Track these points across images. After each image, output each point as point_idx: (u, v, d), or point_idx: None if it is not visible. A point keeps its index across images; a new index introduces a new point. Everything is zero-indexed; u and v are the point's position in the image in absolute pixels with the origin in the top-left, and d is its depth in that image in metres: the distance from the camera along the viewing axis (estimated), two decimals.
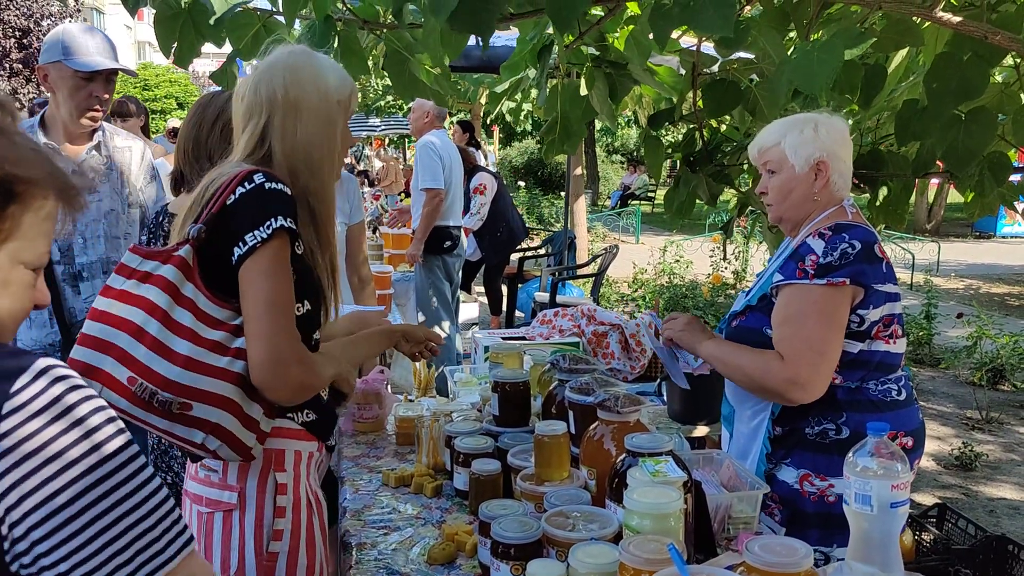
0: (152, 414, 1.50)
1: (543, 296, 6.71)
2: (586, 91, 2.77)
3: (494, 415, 2.19)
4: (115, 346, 1.50)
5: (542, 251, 9.01)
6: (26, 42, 19.25)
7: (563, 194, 10.69)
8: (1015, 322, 8.70)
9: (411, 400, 2.73)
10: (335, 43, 2.25)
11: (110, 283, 1.57)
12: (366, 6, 2.42)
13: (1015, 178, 2.76)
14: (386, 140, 20.79)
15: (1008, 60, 2.66)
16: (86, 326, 1.54)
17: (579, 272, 8.15)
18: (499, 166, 21.02)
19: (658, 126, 3.02)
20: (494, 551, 1.51)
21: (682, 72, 2.99)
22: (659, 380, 2.92)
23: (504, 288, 7.60)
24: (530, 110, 10.01)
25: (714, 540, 1.64)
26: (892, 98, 2.83)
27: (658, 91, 3.25)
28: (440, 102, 2.79)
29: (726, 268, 9.34)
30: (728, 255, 9.41)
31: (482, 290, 7.83)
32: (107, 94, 2.68)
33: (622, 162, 27.37)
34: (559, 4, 1.77)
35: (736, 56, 2.63)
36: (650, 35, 2.01)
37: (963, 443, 5.06)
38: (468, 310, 6.88)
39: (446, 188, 5.32)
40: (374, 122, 18.29)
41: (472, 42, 2.39)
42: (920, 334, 7.29)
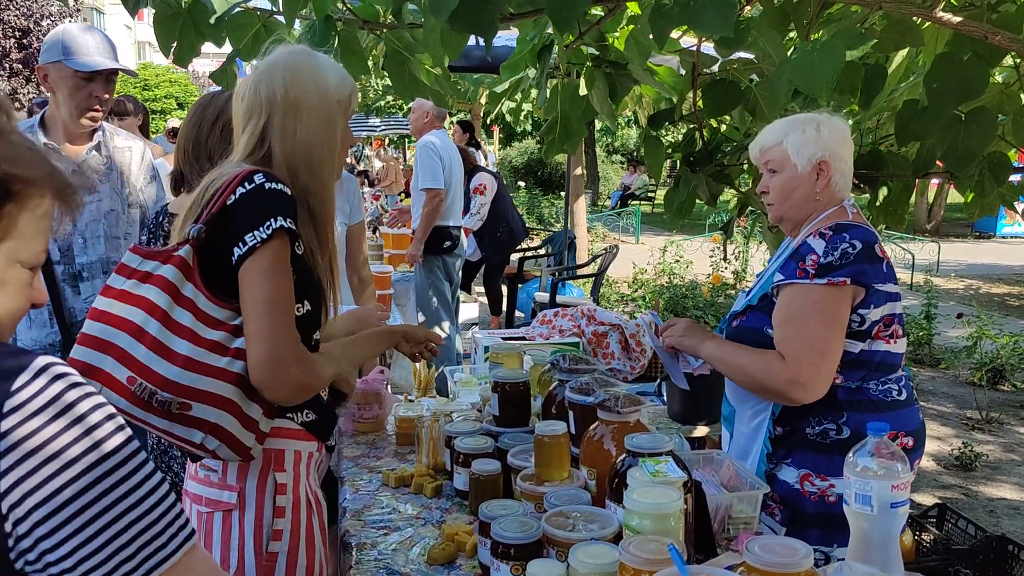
0: (151, 414, 1.50)
1: (543, 296, 6.70)
2: (586, 91, 2.76)
3: (494, 415, 2.19)
4: (115, 346, 1.50)
5: (542, 251, 9.00)
6: (26, 42, 19.27)
7: (563, 194, 10.69)
8: (1015, 322, 8.70)
9: (411, 400, 2.73)
10: (335, 43, 2.25)
11: (110, 283, 1.58)
12: (366, 6, 2.41)
13: (1015, 178, 2.76)
14: (386, 140, 20.79)
15: (1008, 60, 2.66)
16: (86, 326, 1.54)
17: (579, 272, 8.15)
18: (499, 166, 21.02)
19: (658, 126, 3.02)
20: (494, 551, 1.51)
21: (682, 72, 2.98)
22: (659, 380, 2.92)
23: (504, 288, 7.59)
24: (530, 110, 10.01)
25: (714, 540, 1.64)
26: (892, 98, 2.83)
27: (658, 91, 3.24)
28: (440, 102, 2.79)
29: (726, 268, 9.34)
30: (728, 255, 9.41)
31: (482, 290, 7.83)
32: (107, 94, 2.68)
33: (622, 162, 27.37)
34: (559, 4, 1.77)
35: (736, 56, 2.62)
36: (650, 35, 2.00)
37: (963, 443, 5.06)
38: (468, 310, 6.88)
39: (446, 188, 5.32)
40: (374, 122, 18.29)
41: (472, 42, 2.39)
42: (920, 334, 7.29)
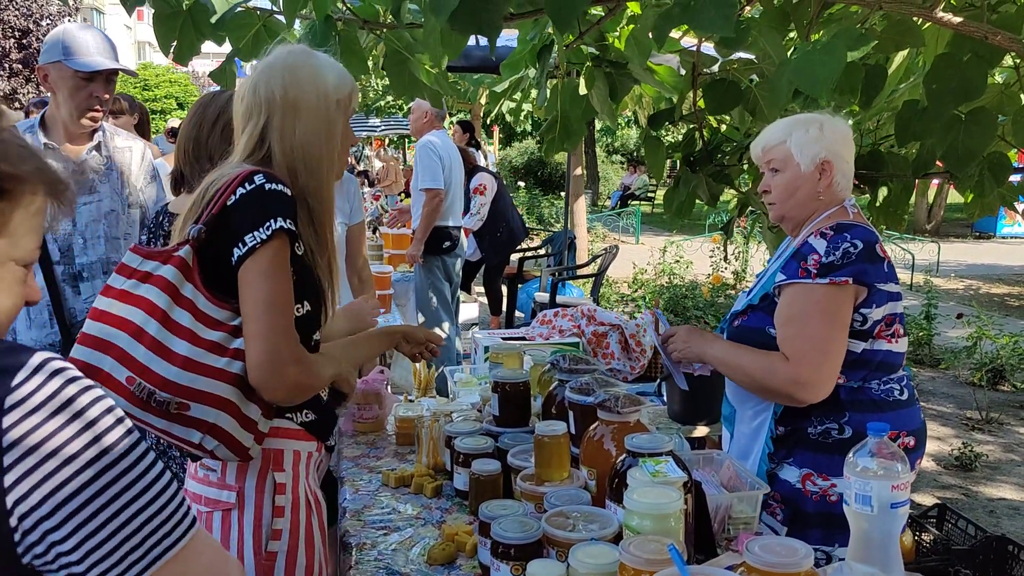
0: (150, 414, 1.50)
1: (543, 296, 6.70)
2: (586, 90, 2.76)
3: (494, 415, 2.19)
4: (114, 346, 1.50)
5: (542, 251, 9.00)
6: (26, 42, 19.27)
7: (563, 194, 10.69)
8: (1015, 322, 8.70)
9: (411, 400, 2.73)
10: (335, 43, 2.25)
11: (110, 283, 1.58)
12: (366, 6, 2.41)
13: (1015, 178, 2.76)
14: (386, 140, 20.79)
15: (1008, 60, 2.66)
16: (86, 326, 1.55)
17: (579, 272, 8.15)
18: (499, 166, 21.02)
19: (658, 126, 3.02)
20: (494, 551, 1.51)
21: (682, 72, 2.98)
22: (659, 380, 2.91)
23: (504, 288, 7.59)
24: (530, 110, 10.02)
25: (714, 540, 1.63)
26: (892, 99, 2.83)
27: (658, 91, 3.24)
28: (436, 103, 2.79)
29: (726, 268, 9.34)
30: (728, 255, 9.41)
31: (482, 290, 7.83)
32: (107, 94, 2.68)
33: (622, 162, 27.37)
34: (559, 4, 1.76)
35: (736, 56, 2.62)
36: (650, 34, 2.00)
37: (963, 443, 5.06)
38: (468, 310, 6.87)
39: (446, 188, 5.31)
40: (374, 122, 18.28)
41: (472, 42, 2.39)
42: (920, 334, 7.29)
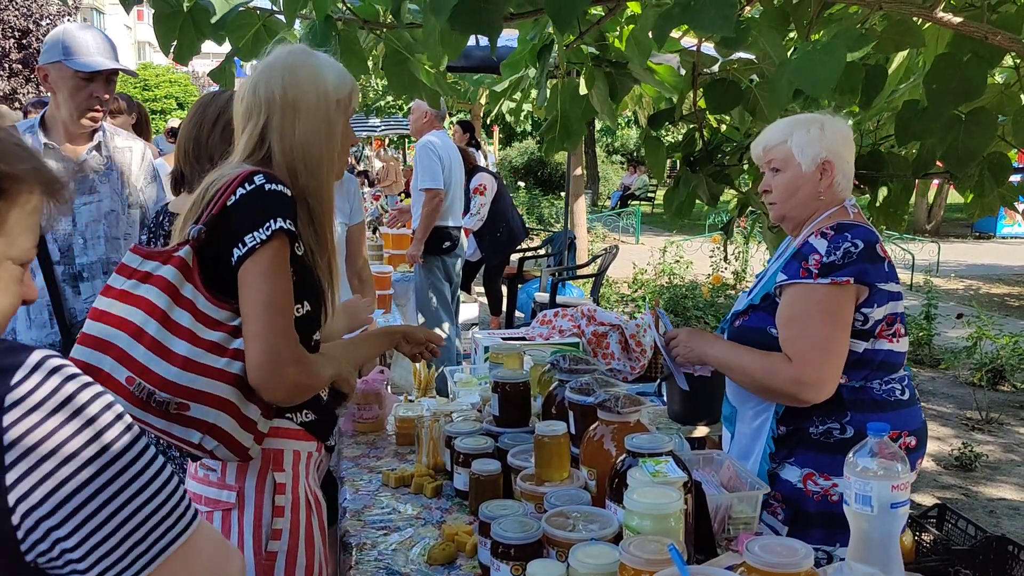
0: (150, 414, 1.50)
1: (543, 296, 6.70)
2: (586, 90, 2.76)
3: (494, 415, 2.19)
4: (114, 346, 1.51)
5: (542, 251, 9.00)
6: (25, 42, 19.26)
7: (563, 194, 10.68)
8: (1015, 323, 8.70)
9: (411, 400, 2.73)
10: (335, 43, 2.25)
11: (111, 283, 1.58)
12: (366, 6, 2.41)
13: (1015, 178, 2.76)
14: (386, 140, 20.79)
15: (1008, 61, 2.66)
16: (86, 326, 1.55)
17: (579, 272, 8.15)
18: (499, 166, 21.02)
19: (658, 126, 3.02)
20: (494, 551, 1.51)
21: (682, 72, 2.98)
22: (659, 380, 2.91)
23: (504, 288, 7.59)
24: (530, 110, 10.02)
25: (714, 540, 1.63)
26: (892, 99, 2.83)
27: (658, 90, 3.24)
28: (433, 103, 2.79)
29: (726, 269, 9.34)
30: (728, 255, 9.41)
31: (482, 290, 7.83)
32: (107, 94, 2.68)
33: (622, 162, 27.37)
34: (559, 4, 1.76)
35: (736, 56, 2.62)
36: (650, 34, 2.00)
37: (963, 443, 5.06)
38: (468, 310, 6.88)
39: (446, 188, 5.31)
40: (374, 122, 18.28)
41: (472, 42, 2.39)
42: (920, 335, 7.29)
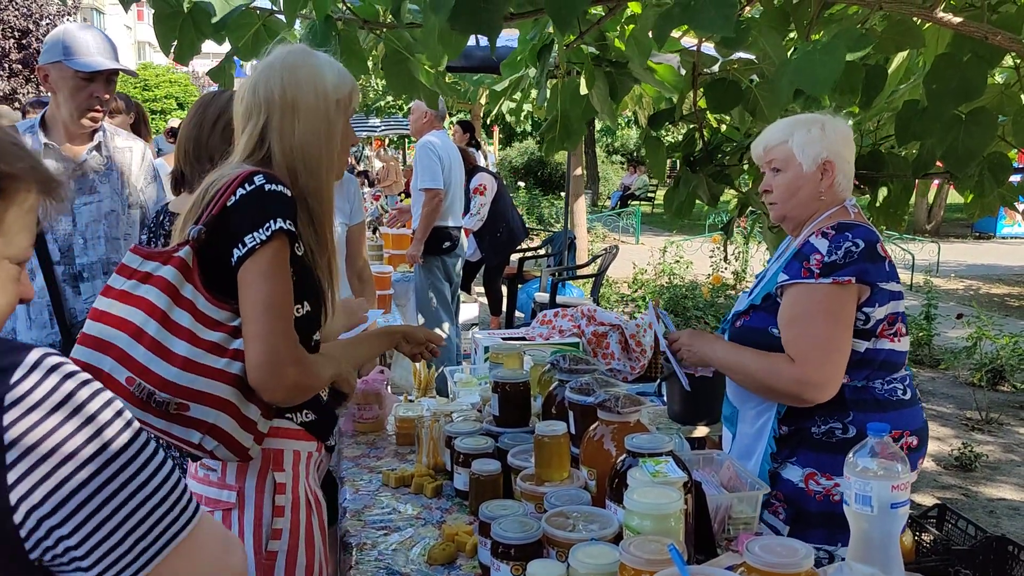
0: (150, 414, 1.50)
1: (543, 296, 6.70)
2: (586, 90, 2.76)
3: (494, 415, 2.19)
4: (114, 346, 1.51)
5: (542, 251, 9.00)
6: (25, 42, 19.25)
7: (563, 194, 10.69)
8: (1015, 323, 8.70)
9: (411, 400, 2.73)
10: (335, 43, 2.25)
11: (111, 283, 1.58)
12: (366, 5, 2.41)
13: (1015, 178, 2.76)
14: (386, 140, 20.80)
15: (1008, 61, 2.66)
16: (86, 326, 1.55)
17: (579, 272, 8.15)
18: (499, 166, 21.02)
19: (658, 126, 3.02)
20: (494, 551, 1.51)
21: (682, 72, 2.98)
22: (659, 380, 2.91)
23: (504, 288, 7.59)
24: (530, 110, 10.02)
25: (714, 541, 1.63)
26: (892, 99, 2.83)
27: (658, 90, 3.24)
28: (432, 103, 2.78)
29: (726, 269, 9.34)
30: (728, 255, 9.41)
31: (482, 290, 7.83)
32: (108, 94, 2.68)
33: (622, 162, 27.38)
34: (559, 3, 1.76)
35: (736, 56, 2.62)
36: (650, 34, 2.00)
37: (963, 444, 5.06)
38: (468, 310, 6.88)
39: (446, 188, 5.31)
40: (374, 122, 18.29)
41: (472, 42, 2.39)
42: (920, 335, 7.29)
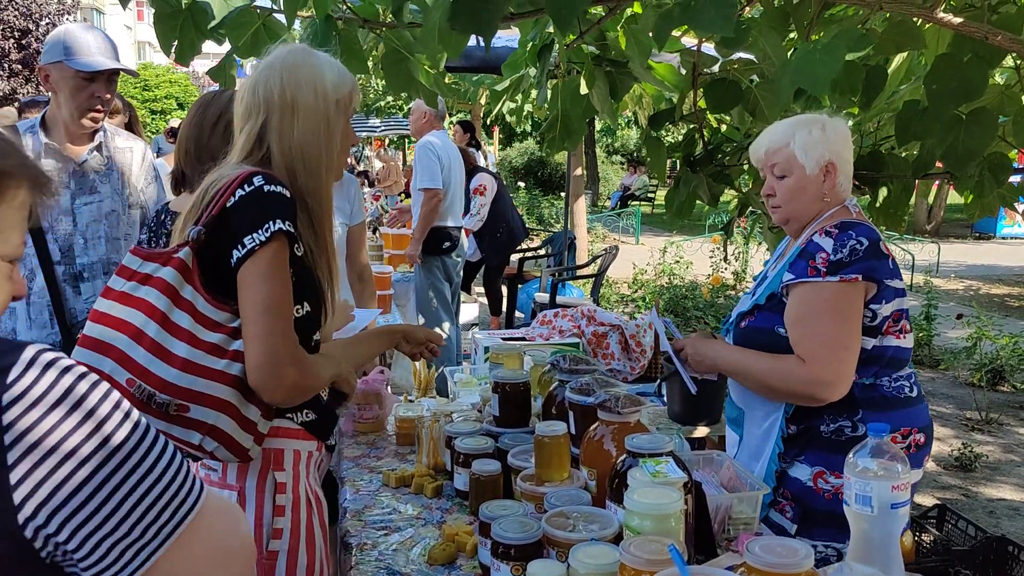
0: (150, 416, 1.50)
1: (543, 297, 6.70)
2: (586, 89, 2.76)
3: (494, 416, 2.18)
4: (114, 348, 1.51)
5: (542, 252, 9.00)
6: (25, 42, 19.23)
7: (563, 195, 10.69)
8: (1015, 323, 8.70)
9: (411, 400, 2.73)
10: (336, 43, 2.25)
11: (111, 285, 1.58)
12: (367, 5, 2.41)
13: (1015, 179, 2.76)
14: (386, 140, 20.81)
15: (1008, 61, 2.66)
16: (87, 328, 1.55)
17: (579, 273, 8.15)
18: (499, 167, 21.03)
19: (658, 126, 3.02)
20: (494, 551, 1.51)
21: (683, 72, 2.98)
22: (659, 380, 2.91)
23: (504, 289, 7.59)
24: (530, 111, 10.02)
25: (714, 541, 1.63)
26: (892, 100, 2.83)
27: (659, 90, 3.24)
28: (431, 102, 2.78)
29: (726, 269, 9.34)
30: (728, 256, 9.41)
31: (482, 291, 7.83)
32: (108, 94, 2.68)
33: (622, 163, 27.39)
34: (559, 3, 1.76)
35: (737, 56, 2.62)
36: (650, 34, 2.00)
37: (963, 444, 5.06)
38: (468, 311, 6.88)
39: (445, 188, 5.31)
40: (374, 122, 18.30)
41: (473, 42, 2.39)
42: (920, 335, 7.29)
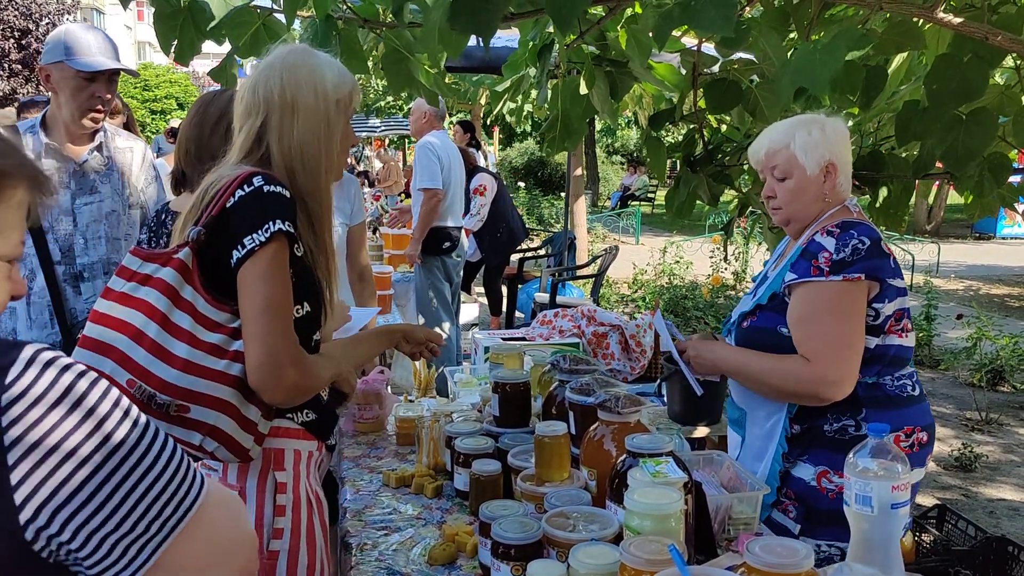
0: (150, 416, 1.49)
1: (543, 297, 6.70)
2: (586, 89, 2.76)
3: (494, 416, 2.19)
4: (115, 349, 1.51)
5: (542, 252, 9.00)
6: (25, 42, 19.23)
7: (563, 195, 10.69)
8: (1015, 323, 8.70)
9: (411, 400, 2.73)
10: (336, 43, 2.25)
11: (111, 285, 1.58)
12: (367, 5, 2.41)
13: (1015, 179, 2.76)
14: (386, 140, 20.81)
15: (1008, 61, 2.66)
16: (87, 328, 1.55)
17: (579, 273, 8.15)
18: (499, 167, 21.03)
19: (659, 126, 3.02)
20: (494, 552, 1.51)
21: (683, 71, 2.98)
22: (659, 380, 2.91)
23: (504, 289, 7.59)
24: (531, 111, 10.02)
25: (714, 541, 1.63)
26: (893, 100, 2.83)
27: (659, 89, 3.24)
28: (432, 101, 2.79)
29: (726, 269, 9.34)
30: (728, 256, 9.41)
31: (482, 291, 7.83)
32: (109, 94, 2.68)
33: (622, 163, 27.40)
34: (559, 3, 1.76)
35: (737, 56, 2.63)
36: (650, 33, 2.01)
37: (963, 444, 5.06)
38: (468, 311, 6.87)
39: (445, 188, 5.30)
40: (374, 122, 18.30)
41: (472, 42, 2.39)
42: (920, 335, 7.29)
